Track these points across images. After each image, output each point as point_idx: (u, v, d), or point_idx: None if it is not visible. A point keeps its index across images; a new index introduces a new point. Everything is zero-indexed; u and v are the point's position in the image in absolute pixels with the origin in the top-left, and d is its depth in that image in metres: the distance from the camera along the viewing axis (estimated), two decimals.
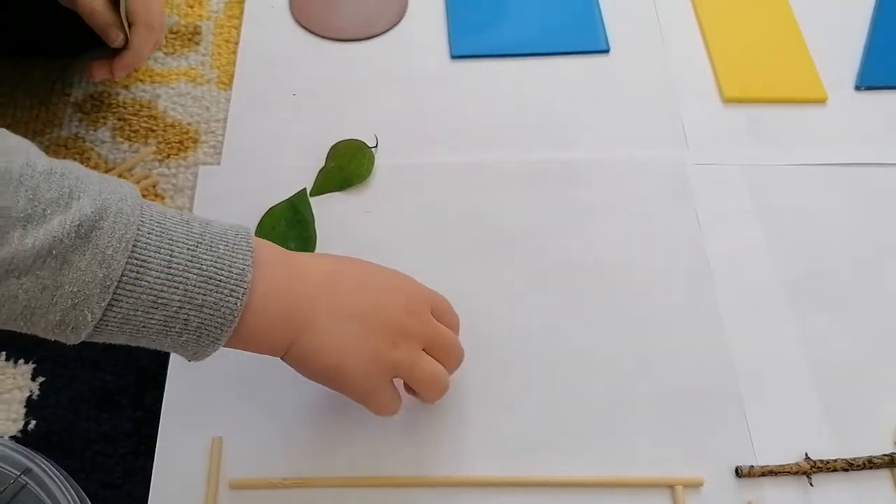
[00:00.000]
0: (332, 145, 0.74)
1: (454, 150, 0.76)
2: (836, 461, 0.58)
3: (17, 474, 0.54)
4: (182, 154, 0.75)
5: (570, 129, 0.77)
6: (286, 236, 0.68)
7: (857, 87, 0.80)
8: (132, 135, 0.76)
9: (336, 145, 0.74)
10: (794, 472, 0.58)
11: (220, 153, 0.75)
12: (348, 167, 0.73)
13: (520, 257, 0.69)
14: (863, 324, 0.66)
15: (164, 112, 0.78)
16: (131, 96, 0.79)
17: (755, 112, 0.79)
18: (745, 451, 0.59)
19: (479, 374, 0.62)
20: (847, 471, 0.58)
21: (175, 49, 0.83)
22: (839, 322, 0.66)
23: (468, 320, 0.60)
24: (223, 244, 0.48)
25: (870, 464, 0.58)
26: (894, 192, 0.73)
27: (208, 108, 0.78)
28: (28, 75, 0.79)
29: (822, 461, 0.58)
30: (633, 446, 0.60)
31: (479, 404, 0.61)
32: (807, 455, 0.59)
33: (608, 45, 0.83)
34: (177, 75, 0.81)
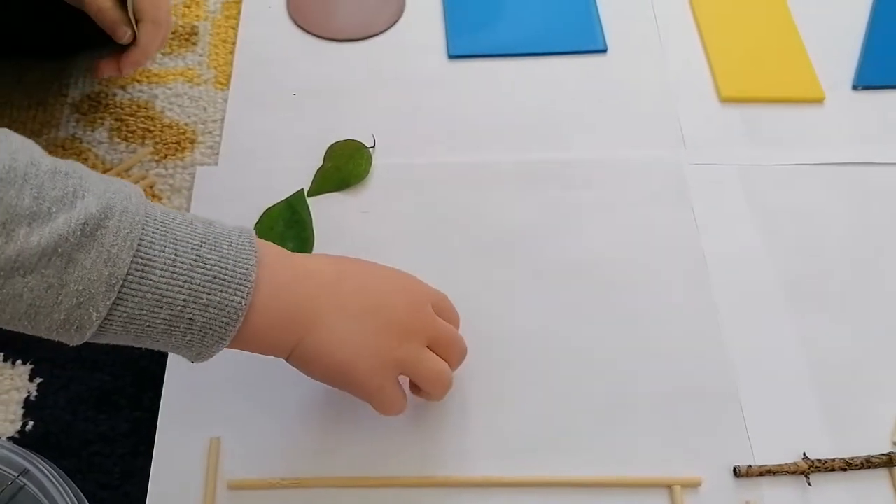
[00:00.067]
0: (329, 145, 0.74)
1: (452, 150, 0.75)
2: (834, 461, 0.58)
3: (15, 475, 0.54)
4: (179, 154, 0.75)
5: (568, 129, 0.77)
6: (284, 236, 0.68)
7: (855, 87, 0.80)
8: (129, 135, 0.76)
9: (334, 145, 0.74)
10: (793, 472, 0.58)
11: (218, 153, 0.75)
12: (346, 167, 0.73)
13: (517, 257, 0.69)
14: (860, 323, 0.66)
15: (162, 112, 0.78)
16: (128, 97, 0.79)
17: (753, 112, 0.79)
18: (743, 450, 0.59)
19: (476, 375, 0.61)
20: (845, 470, 0.58)
21: (172, 49, 0.82)
22: (837, 321, 0.66)
23: (465, 320, 0.60)
24: (227, 244, 0.48)
25: (868, 463, 0.58)
26: (892, 192, 0.73)
27: (205, 109, 0.78)
28: (25, 76, 0.79)
29: (820, 461, 0.58)
30: (631, 446, 0.60)
31: (478, 404, 0.61)
32: (805, 455, 0.59)
33: (606, 45, 0.83)
34: (174, 76, 0.81)
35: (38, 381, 0.62)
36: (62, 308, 0.43)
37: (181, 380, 0.61)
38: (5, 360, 0.63)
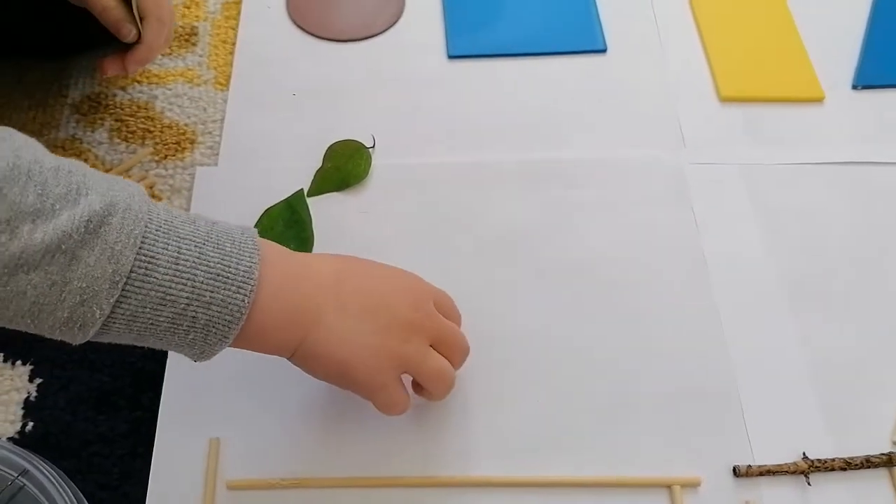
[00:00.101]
0: (329, 146, 0.74)
1: (451, 150, 0.75)
2: (833, 460, 0.58)
3: (15, 476, 0.54)
4: (179, 155, 0.75)
5: (567, 129, 0.77)
6: (284, 237, 0.68)
7: (855, 87, 0.80)
8: (129, 136, 0.76)
9: (333, 146, 0.74)
10: (792, 472, 0.58)
11: (218, 154, 0.75)
12: (345, 167, 0.73)
13: (516, 257, 0.69)
14: (861, 323, 0.66)
15: (161, 113, 0.78)
16: (128, 97, 0.79)
17: (752, 111, 0.79)
18: (743, 450, 0.59)
19: (477, 375, 0.61)
20: (845, 470, 0.58)
21: (172, 50, 0.82)
22: (837, 321, 0.66)
23: (466, 320, 0.60)
24: (230, 242, 0.48)
25: (868, 463, 0.58)
26: (892, 191, 0.73)
27: (205, 109, 0.78)
28: (25, 77, 0.79)
29: (819, 460, 0.58)
30: (631, 446, 0.60)
31: (478, 404, 0.61)
32: (804, 454, 0.59)
33: (605, 44, 0.83)
34: (174, 76, 0.81)
35: (38, 381, 0.62)
36: (65, 306, 0.43)
37: (181, 380, 0.62)
38: (5, 361, 0.63)
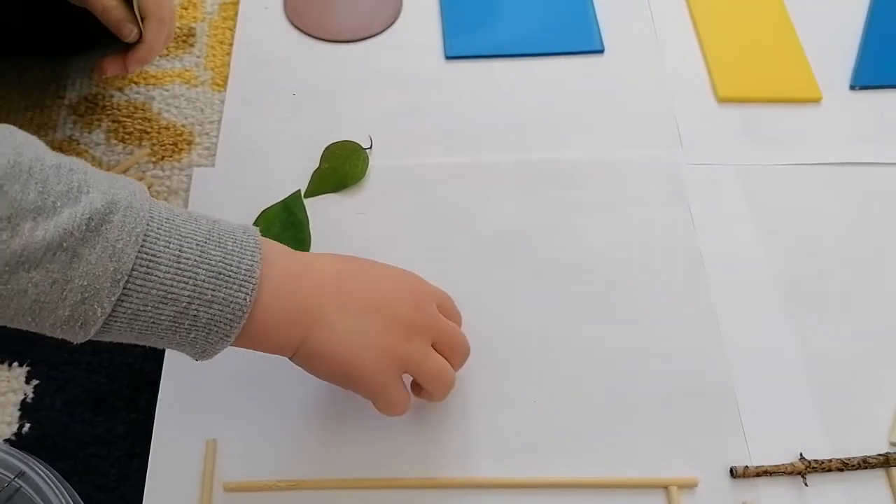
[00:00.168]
0: (326, 146, 0.74)
1: (449, 150, 0.75)
2: (830, 461, 0.58)
3: (12, 477, 0.54)
4: (176, 156, 0.75)
5: (565, 130, 0.77)
6: (280, 238, 0.68)
7: (852, 87, 0.80)
8: (126, 137, 0.76)
9: (330, 146, 0.74)
10: (789, 473, 0.58)
11: (215, 155, 0.75)
12: (342, 168, 0.73)
13: (514, 258, 0.69)
14: (858, 323, 0.66)
15: (159, 114, 0.78)
16: (125, 98, 0.79)
17: (750, 112, 0.78)
18: (740, 451, 0.59)
19: (476, 375, 0.61)
20: (842, 471, 0.58)
21: (169, 51, 0.82)
22: (834, 322, 0.66)
23: (464, 321, 0.60)
24: (231, 241, 0.48)
25: (864, 464, 0.58)
26: (889, 192, 0.73)
27: (202, 110, 0.78)
28: (22, 78, 0.79)
29: (816, 461, 0.58)
30: (628, 447, 0.60)
31: (477, 405, 0.61)
32: (801, 455, 0.59)
33: (602, 45, 0.83)
34: (171, 77, 0.81)
35: (35, 383, 0.62)
36: (67, 304, 0.43)
37: (178, 381, 0.61)
38: (2, 363, 0.63)
